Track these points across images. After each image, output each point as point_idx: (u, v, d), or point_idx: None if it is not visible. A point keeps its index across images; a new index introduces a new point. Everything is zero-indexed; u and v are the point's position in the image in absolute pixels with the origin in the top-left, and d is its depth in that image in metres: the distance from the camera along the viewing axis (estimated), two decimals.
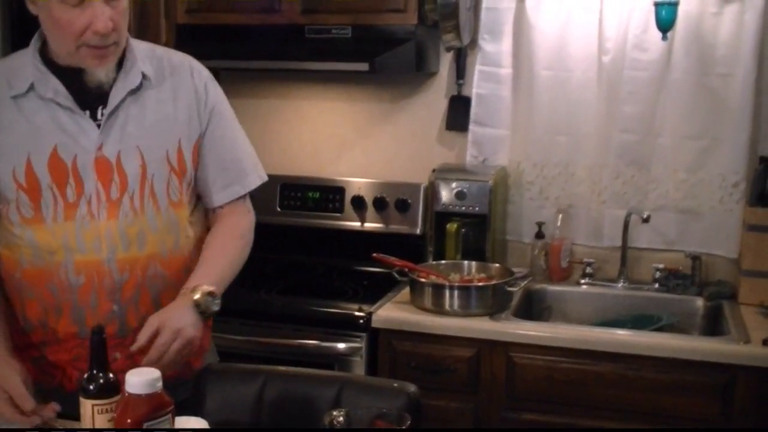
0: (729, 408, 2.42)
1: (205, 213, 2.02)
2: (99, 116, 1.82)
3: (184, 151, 1.90)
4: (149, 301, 1.87)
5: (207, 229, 2.01)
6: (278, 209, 3.29)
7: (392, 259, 2.76)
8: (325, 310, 2.76)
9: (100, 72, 1.81)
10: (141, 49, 1.91)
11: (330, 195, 3.24)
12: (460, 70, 3.18)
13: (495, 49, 3.10)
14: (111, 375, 1.50)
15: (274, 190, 3.26)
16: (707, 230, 2.99)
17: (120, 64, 1.84)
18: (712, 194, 2.97)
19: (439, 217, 3.00)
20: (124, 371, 1.45)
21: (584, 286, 3.03)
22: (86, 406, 1.49)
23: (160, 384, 1.41)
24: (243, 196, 2.02)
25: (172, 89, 1.91)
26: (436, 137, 3.27)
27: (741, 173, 2.91)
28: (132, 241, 1.84)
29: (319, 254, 3.27)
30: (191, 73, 1.96)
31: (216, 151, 1.96)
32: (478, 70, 3.13)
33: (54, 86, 1.80)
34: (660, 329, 2.71)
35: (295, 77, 3.36)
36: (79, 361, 1.80)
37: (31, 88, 1.80)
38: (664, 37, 2.80)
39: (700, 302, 2.89)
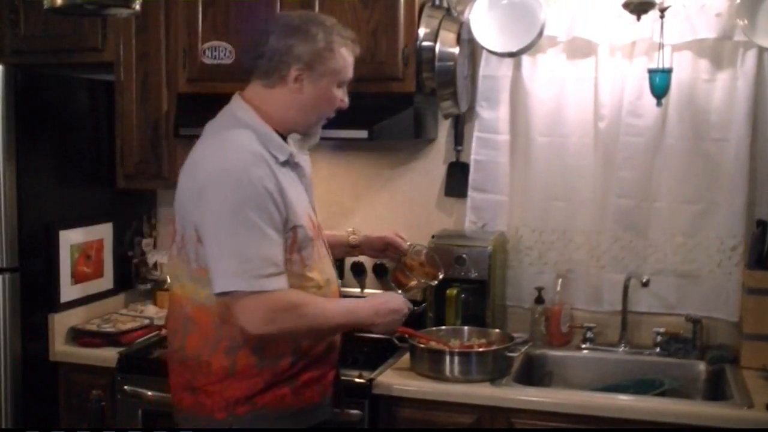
0: None
1: None
2: None
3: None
4: None
5: None
6: None
7: None
8: None
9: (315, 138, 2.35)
10: None
11: None
12: (458, 137, 3.22)
13: (492, 116, 3.14)
14: None
15: None
16: (707, 294, 2.99)
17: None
18: (710, 258, 2.98)
19: (439, 283, 2.99)
20: None
21: (585, 351, 3.02)
22: None
23: None
24: None
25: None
26: (435, 203, 3.29)
27: (739, 236, 2.93)
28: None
29: None
30: None
31: None
32: (475, 136, 3.17)
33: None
34: (662, 394, 2.69)
35: None
36: None
37: (291, 155, 2.18)
38: (659, 104, 2.84)
39: (701, 366, 2.87)
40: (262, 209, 2.03)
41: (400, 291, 2.53)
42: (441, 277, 2.64)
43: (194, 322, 2.15)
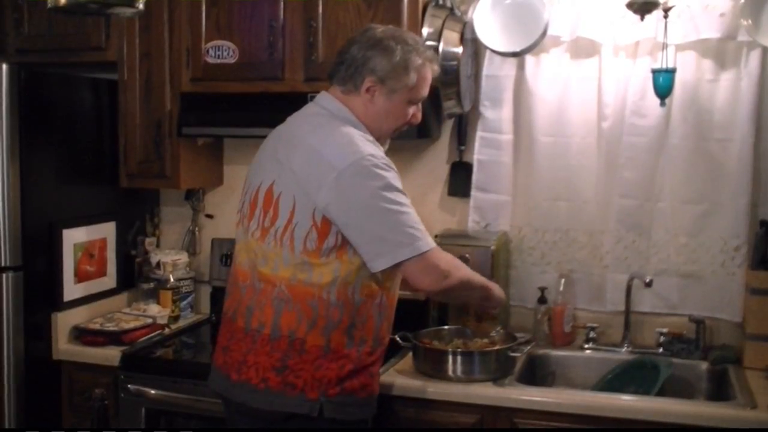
0: None
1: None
2: None
3: None
4: None
5: None
6: None
7: None
8: None
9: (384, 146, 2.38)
10: None
11: None
12: (462, 137, 3.22)
13: (495, 115, 3.14)
14: None
15: None
16: (710, 294, 2.99)
17: None
18: (713, 258, 2.97)
19: None
20: None
21: (588, 351, 3.01)
22: None
23: None
24: None
25: None
26: (438, 203, 3.29)
27: (742, 237, 2.92)
28: None
29: None
30: None
31: None
32: (479, 136, 3.17)
33: None
34: (662, 390, 2.67)
35: None
36: None
37: None
38: (662, 104, 2.84)
39: (704, 366, 2.87)
40: (399, 189, 2.22)
41: None
42: None
43: (291, 300, 2.22)
